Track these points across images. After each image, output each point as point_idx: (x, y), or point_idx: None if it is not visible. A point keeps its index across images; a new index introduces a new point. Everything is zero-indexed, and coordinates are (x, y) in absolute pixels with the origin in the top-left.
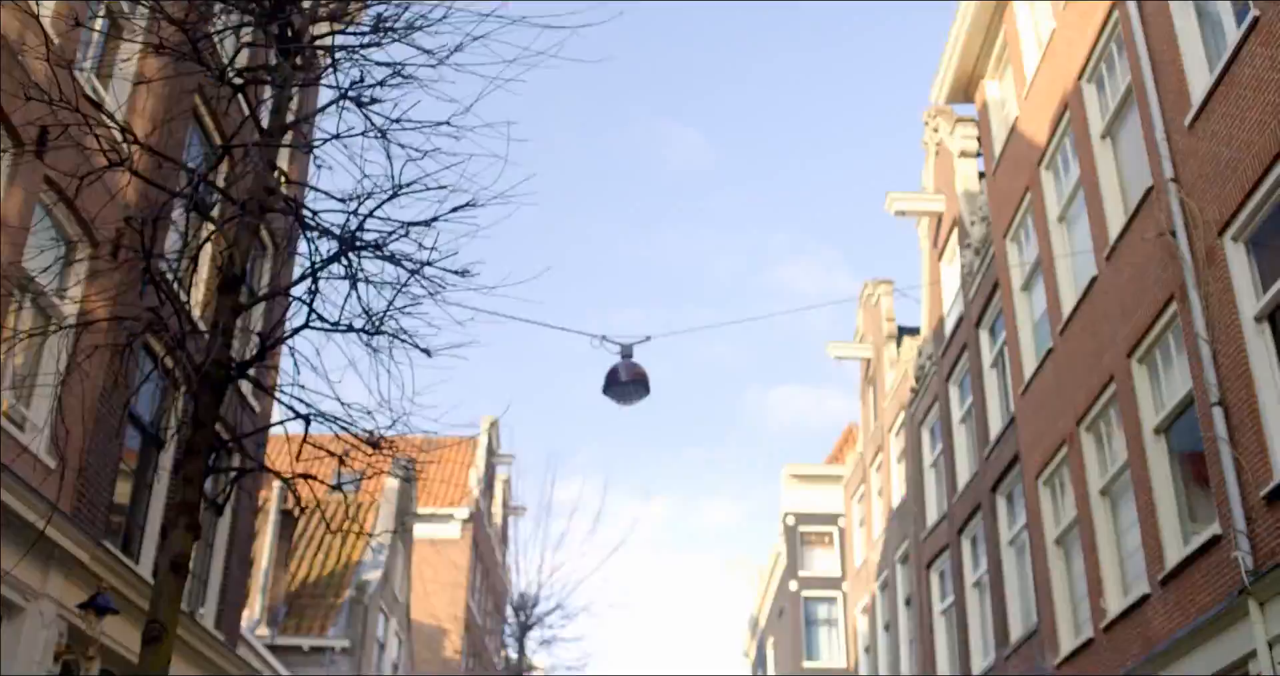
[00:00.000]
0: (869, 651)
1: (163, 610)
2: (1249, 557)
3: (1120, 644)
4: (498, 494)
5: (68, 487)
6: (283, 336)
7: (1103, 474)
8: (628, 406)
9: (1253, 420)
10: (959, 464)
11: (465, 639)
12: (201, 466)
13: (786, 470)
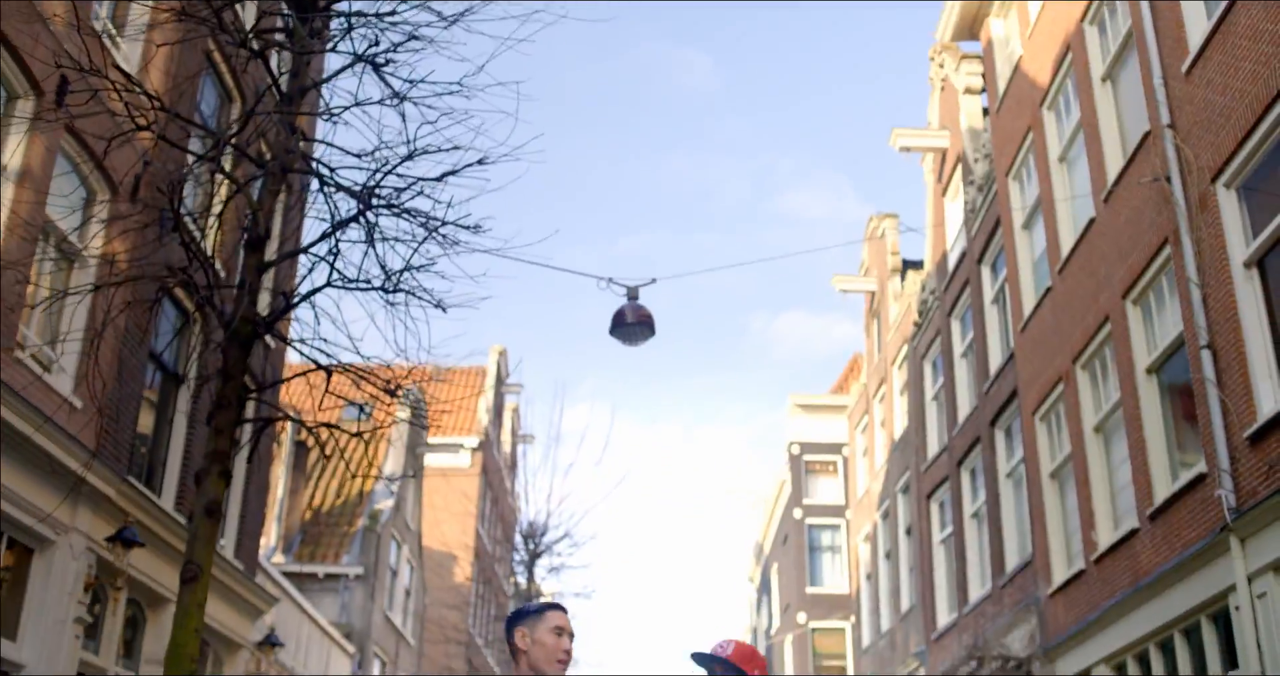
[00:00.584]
0: (870, 578)
1: (198, 551)
2: (1232, 496)
3: (1109, 575)
4: (506, 422)
5: (94, 427)
6: (308, 293)
7: (1097, 411)
8: (634, 346)
9: (1239, 363)
10: (959, 397)
11: (476, 565)
12: (232, 417)
13: (791, 400)
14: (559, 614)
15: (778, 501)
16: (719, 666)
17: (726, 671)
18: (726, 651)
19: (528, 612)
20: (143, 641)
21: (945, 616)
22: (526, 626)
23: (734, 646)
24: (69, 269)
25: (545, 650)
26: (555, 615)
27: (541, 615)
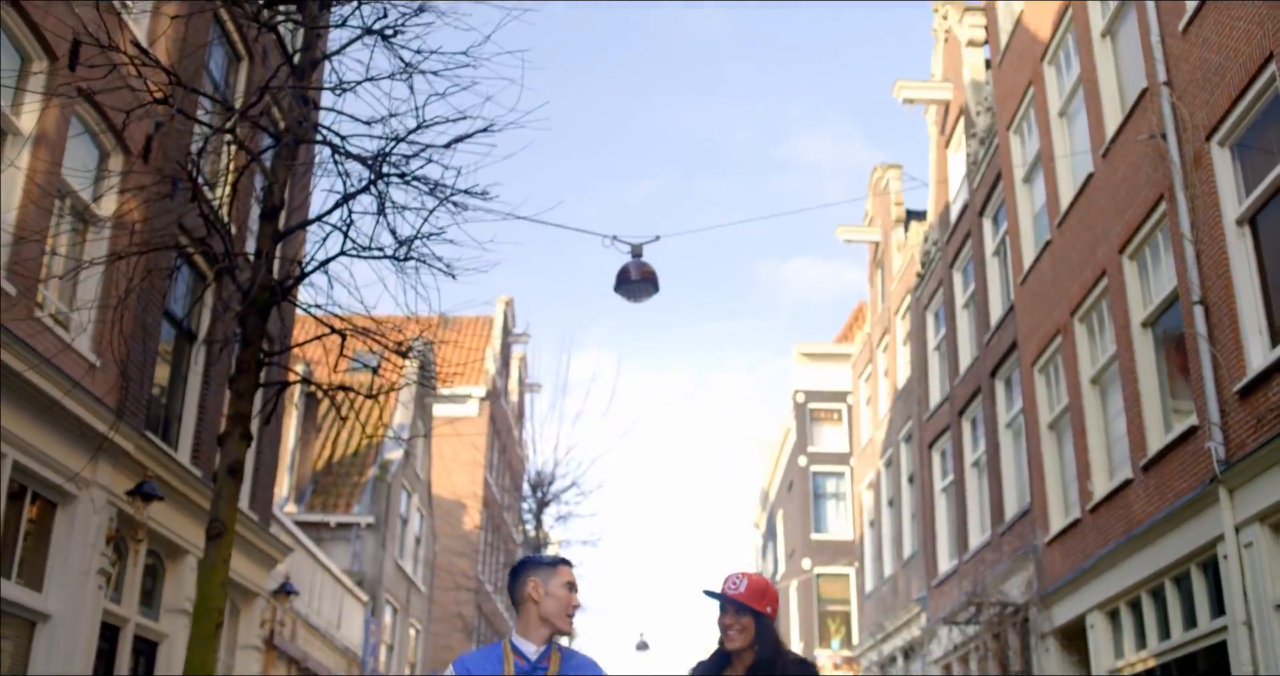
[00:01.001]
0: (873, 525)
1: (222, 510)
2: (1221, 448)
3: (1104, 524)
4: (514, 371)
5: (112, 383)
6: (324, 261)
7: (1093, 363)
8: (638, 303)
9: (1230, 319)
10: (961, 348)
11: (484, 514)
12: (252, 381)
13: (797, 349)
14: (569, 569)
15: (783, 449)
16: (731, 606)
17: (739, 610)
18: (739, 588)
19: (541, 563)
20: (162, 591)
21: (946, 563)
22: (540, 577)
23: (746, 583)
24: (84, 230)
25: (559, 603)
26: (567, 570)
27: (555, 569)
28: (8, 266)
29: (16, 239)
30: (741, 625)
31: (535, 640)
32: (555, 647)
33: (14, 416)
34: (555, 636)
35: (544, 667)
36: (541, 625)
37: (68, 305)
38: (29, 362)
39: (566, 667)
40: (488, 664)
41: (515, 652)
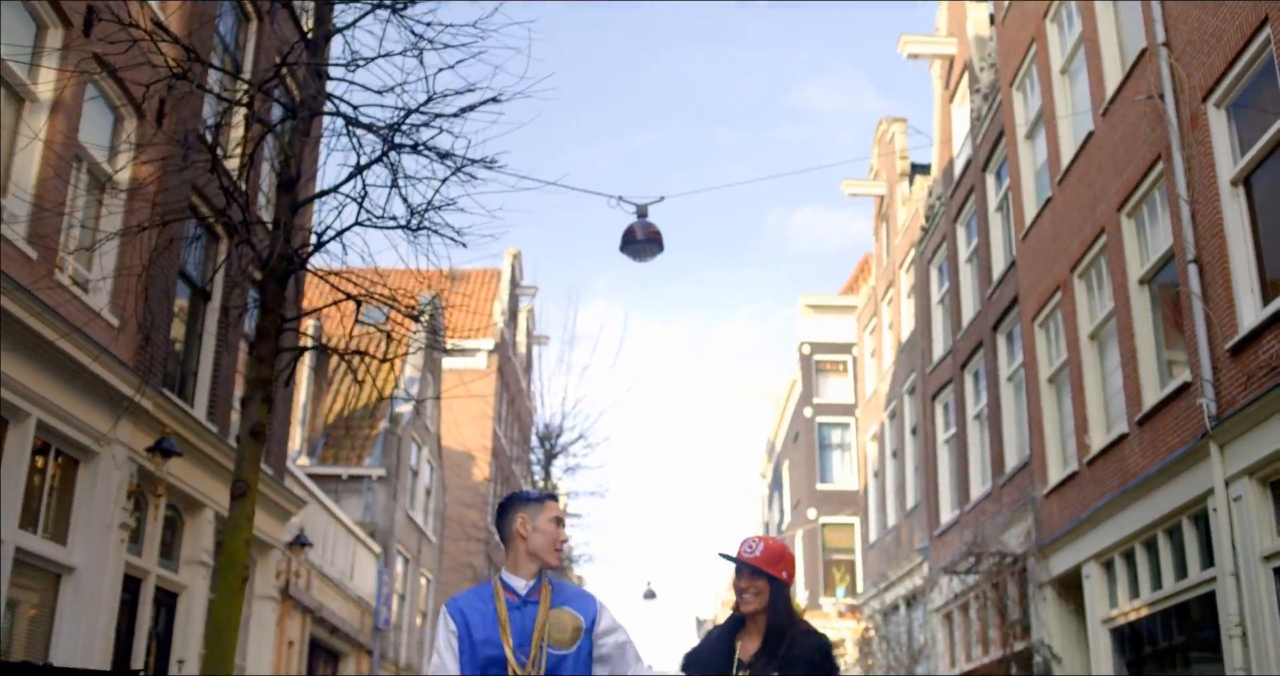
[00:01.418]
0: (878, 476)
1: (246, 470)
2: (1213, 404)
3: (1100, 477)
4: (521, 324)
5: (130, 343)
6: (339, 231)
7: (1092, 319)
8: (643, 262)
9: (1224, 278)
10: (964, 302)
11: (493, 465)
12: (272, 347)
13: (803, 300)
14: (556, 504)
15: (789, 400)
16: (747, 570)
17: (755, 574)
18: (754, 552)
19: (528, 499)
20: (181, 544)
21: (948, 513)
22: (528, 513)
23: (762, 547)
24: (101, 193)
25: (546, 538)
26: (554, 505)
27: (542, 504)
28: (28, 231)
29: (36, 205)
30: (757, 589)
31: (524, 575)
32: (546, 580)
33: (37, 377)
34: (544, 571)
35: (534, 601)
36: (530, 560)
37: (86, 268)
38: (52, 326)
39: (558, 599)
40: (480, 602)
41: (506, 589)
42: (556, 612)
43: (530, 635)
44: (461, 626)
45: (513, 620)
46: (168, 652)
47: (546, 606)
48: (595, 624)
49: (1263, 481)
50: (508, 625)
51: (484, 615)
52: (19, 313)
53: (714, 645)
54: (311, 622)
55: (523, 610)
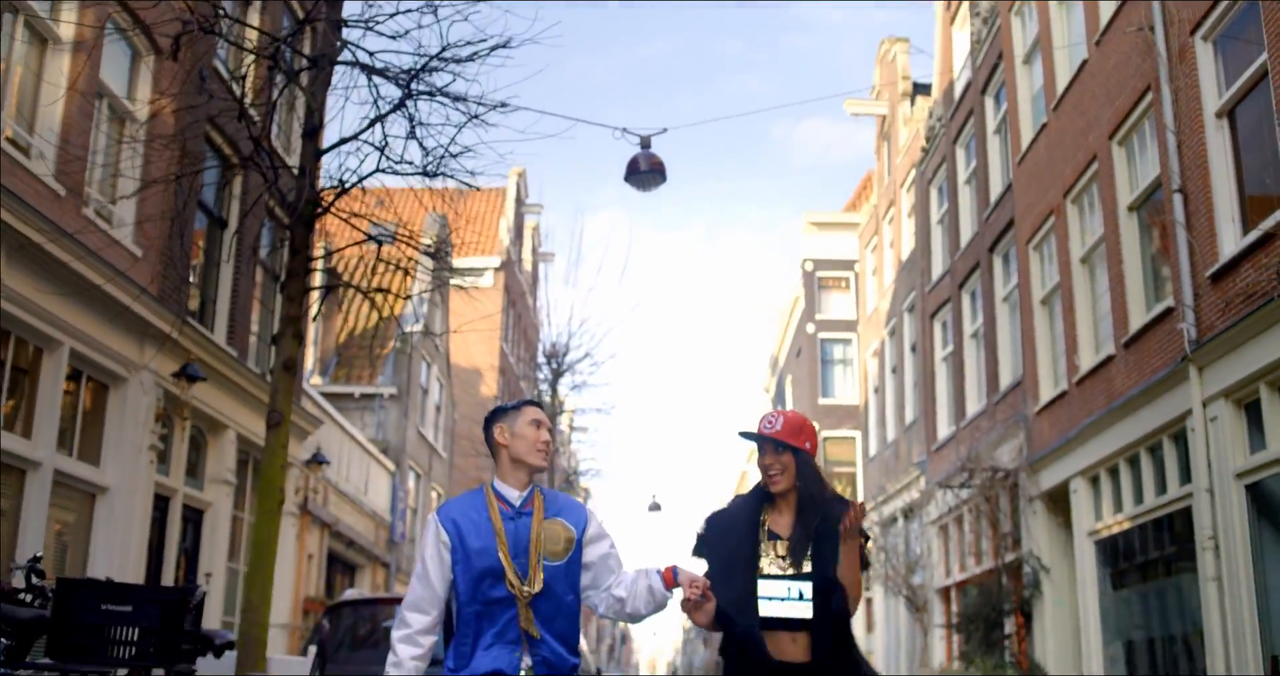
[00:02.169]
0: (878, 392)
1: (280, 401)
2: (1193, 329)
3: (1088, 396)
4: (527, 241)
5: (154, 273)
6: (363, 177)
7: (1083, 243)
8: (647, 192)
9: (1206, 208)
10: (962, 222)
11: (501, 382)
12: (301, 286)
13: (806, 217)
14: (535, 408)
15: (792, 316)
16: (770, 446)
17: (778, 448)
18: (775, 426)
19: (504, 410)
20: (205, 463)
21: (944, 429)
22: (505, 422)
23: (782, 421)
24: (121, 127)
25: (526, 441)
26: (532, 409)
27: (519, 410)
28: (56, 169)
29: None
30: (782, 464)
31: (515, 484)
32: (538, 490)
33: (68, 308)
34: (534, 477)
35: (528, 513)
36: (516, 467)
37: (111, 202)
38: (80, 259)
39: (551, 510)
40: (473, 511)
41: (499, 498)
42: (549, 524)
43: (526, 546)
44: (454, 536)
45: (508, 531)
46: (195, 566)
47: (540, 518)
48: (585, 533)
49: (1238, 403)
50: (504, 536)
51: (478, 525)
52: (49, 246)
53: (739, 512)
54: (329, 537)
55: (517, 521)
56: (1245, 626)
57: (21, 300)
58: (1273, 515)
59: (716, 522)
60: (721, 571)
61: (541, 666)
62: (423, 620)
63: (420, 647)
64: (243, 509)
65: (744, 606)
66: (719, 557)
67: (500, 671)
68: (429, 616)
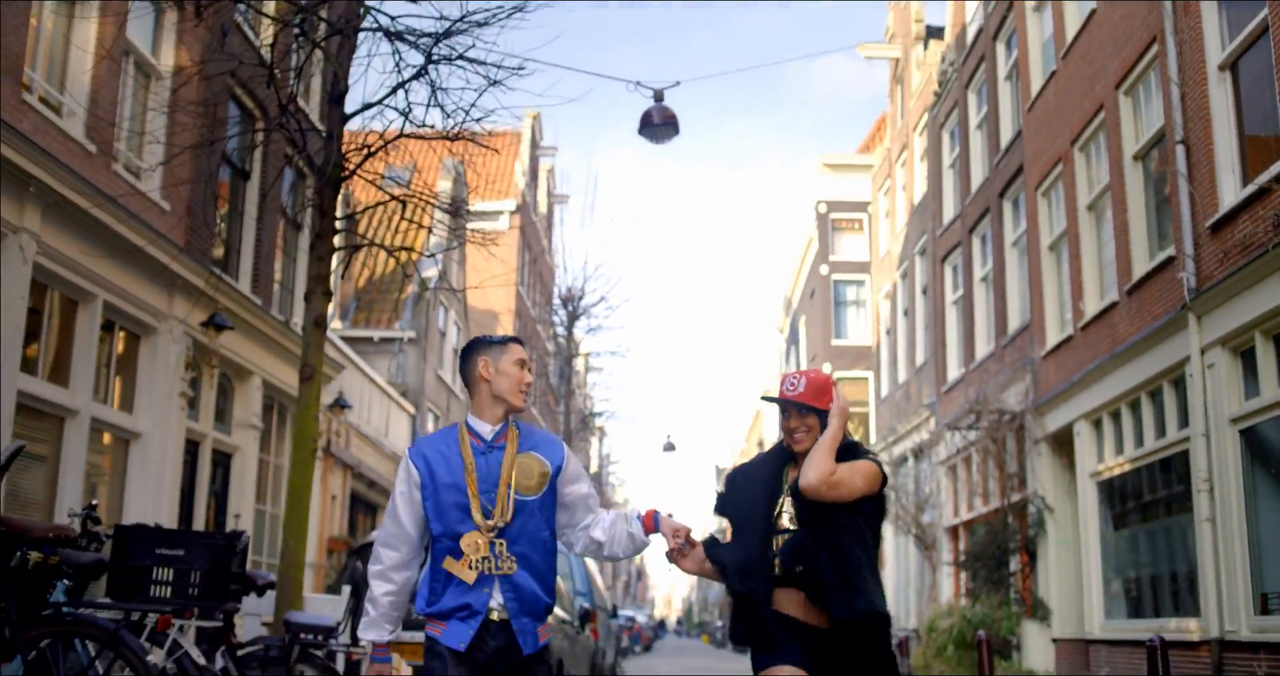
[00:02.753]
0: (889, 333)
1: (311, 355)
2: (1193, 278)
3: (1092, 341)
4: (542, 183)
5: (181, 225)
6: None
7: (1090, 191)
8: (660, 144)
9: (1208, 159)
10: (973, 167)
11: (517, 325)
12: (329, 245)
13: (820, 159)
14: (520, 347)
15: (805, 257)
16: (794, 409)
17: (803, 411)
18: (798, 389)
19: (490, 343)
20: (233, 408)
21: (954, 371)
22: (489, 356)
23: (804, 383)
24: (147, 84)
25: (510, 380)
26: (517, 347)
27: (505, 347)
28: (86, 126)
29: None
30: (807, 426)
31: (489, 420)
32: (513, 425)
33: (101, 261)
34: (511, 414)
35: (500, 446)
36: (494, 404)
37: (139, 158)
38: (111, 213)
39: (525, 444)
40: (444, 446)
41: (471, 433)
42: (523, 458)
43: (496, 481)
44: (424, 473)
45: (478, 465)
46: (225, 508)
47: (513, 452)
48: (561, 470)
49: (1234, 351)
50: (474, 470)
51: (448, 459)
52: (82, 202)
53: (760, 468)
54: (351, 478)
55: (488, 455)
56: (1237, 565)
57: (57, 255)
58: (1265, 459)
59: (736, 480)
60: (738, 526)
61: (513, 603)
62: (394, 556)
63: (393, 583)
64: (269, 452)
65: (755, 564)
66: (736, 514)
67: (469, 605)
68: (399, 553)
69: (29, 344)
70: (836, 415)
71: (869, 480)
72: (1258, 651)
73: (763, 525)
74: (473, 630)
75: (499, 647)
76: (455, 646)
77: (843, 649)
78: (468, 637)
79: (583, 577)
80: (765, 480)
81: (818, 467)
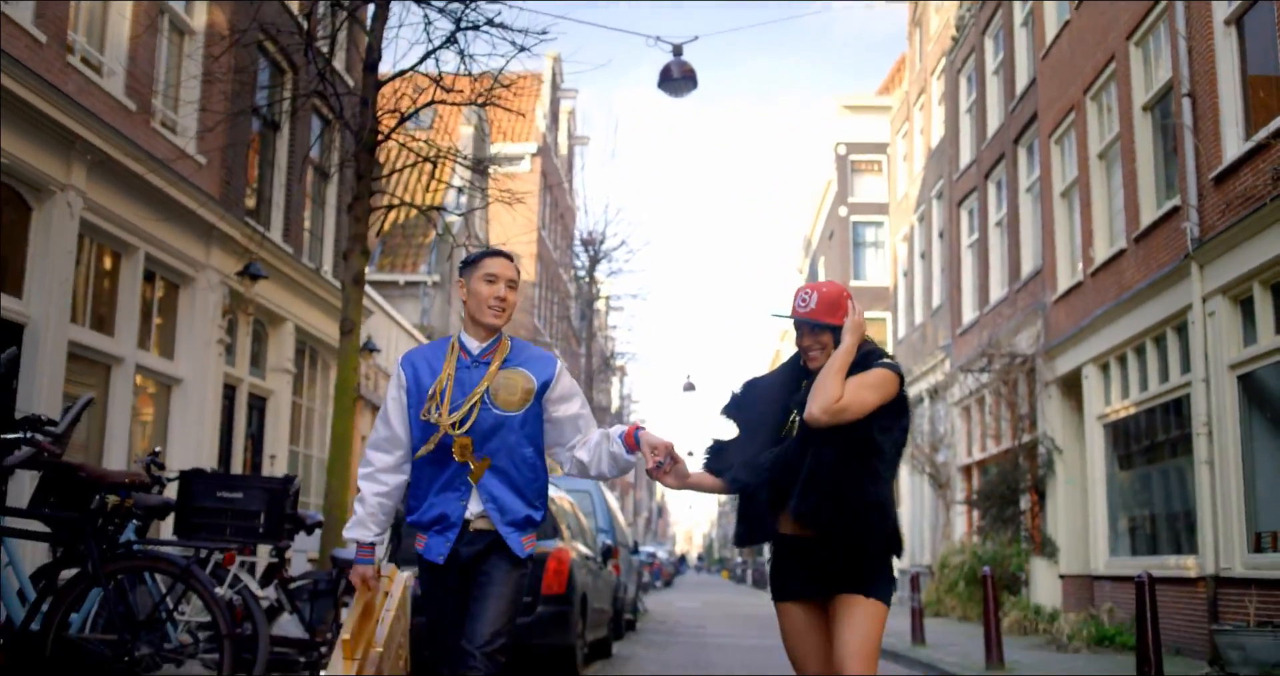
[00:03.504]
0: (907, 275)
1: (351, 310)
2: (1196, 228)
3: (1101, 288)
4: (563, 125)
5: (216, 178)
6: (421, 106)
7: (1101, 140)
8: (678, 98)
9: (1213, 112)
10: (989, 113)
11: (539, 267)
12: (366, 206)
13: (839, 101)
14: (495, 260)
15: (824, 198)
16: (806, 326)
17: (815, 329)
18: (809, 305)
19: (468, 262)
20: (267, 353)
21: (969, 314)
22: (464, 276)
23: (816, 298)
24: (181, 41)
25: (477, 298)
26: (490, 262)
27: (477, 263)
28: (125, 85)
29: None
30: (821, 343)
31: (477, 337)
32: (505, 339)
33: (141, 214)
34: (500, 331)
35: (487, 361)
36: (474, 323)
37: (174, 113)
38: (149, 167)
39: (514, 360)
40: (431, 356)
41: (461, 348)
42: (508, 373)
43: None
44: (410, 379)
45: (461, 378)
46: (261, 449)
47: (497, 366)
48: (550, 387)
49: (1234, 299)
50: (451, 383)
51: (433, 369)
52: (124, 159)
53: (776, 379)
54: None
55: (472, 370)
56: (1232, 506)
57: (101, 210)
58: (1262, 404)
59: (752, 387)
60: (747, 433)
61: (494, 512)
62: (384, 459)
63: (383, 485)
64: (301, 395)
65: (756, 466)
66: (747, 421)
67: (445, 516)
68: (391, 456)
69: (76, 296)
70: (850, 331)
71: (880, 391)
72: (1250, 587)
73: (771, 437)
74: (450, 542)
75: (474, 554)
76: (435, 559)
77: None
78: (445, 550)
79: (605, 515)
80: (779, 392)
81: (822, 397)
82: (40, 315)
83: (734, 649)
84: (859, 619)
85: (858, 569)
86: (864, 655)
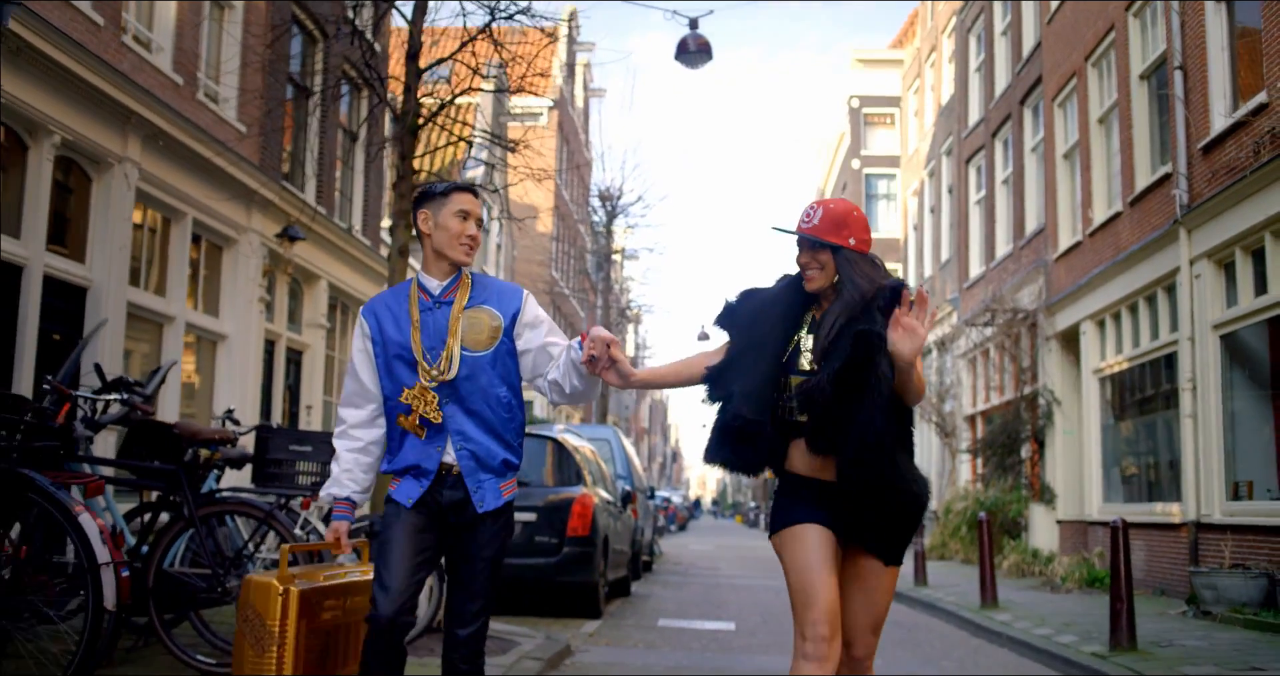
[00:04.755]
0: (916, 229)
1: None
2: (1185, 195)
3: (1098, 248)
4: (579, 78)
5: (255, 145)
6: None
7: (1101, 105)
8: (695, 70)
9: (1202, 85)
10: (997, 73)
11: (556, 220)
12: (409, 186)
13: (852, 55)
14: (465, 196)
15: (837, 151)
16: (805, 243)
17: (815, 246)
18: (812, 221)
19: (433, 194)
20: (302, 310)
21: (976, 269)
22: (429, 208)
23: (821, 214)
24: (222, 16)
25: (448, 234)
26: (461, 197)
27: (447, 197)
28: (173, 61)
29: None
30: (819, 262)
31: (437, 275)
32: (466, 275)
33: (187, 179)
34: (461, 268)
35: (449, 301)
36: (438, 258)
37: (217, 84)
38: (194, 137)
39: (477, 298)
40: (394, 303)
41: (420, 289)
42: (473, 312)
43: (444, 336)
44: (375, 329)
45: (425, 321)
46: (298, 400)
47: (461, 306)
48: (516, 319)
49: (1218, 263)
50: (419, 326)
51: (397, 316)
52: (175, 131)
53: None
54: None
55: (435, 311)
56: (1213, 457)
57: (154, 178)
58: (1242, 362)
59: (751, 299)
60: (745, 357)
61: (468, 459)
62: (356, 414)
63: (357, 441)
64: (334, 348)
65: (759, 399)
66: (745, 341)
67: (418, 465)
68: (362, 411)
69: (133, 260)
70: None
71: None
72: (1226, 532)
73: (773, 366)
74: (422, 488)
75: (455, 500)
76: (403, 501)
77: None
78: (416, 494)
79: (623, 462)
80: (782, 311)
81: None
82: (102, 279)
83: (745, 588)
84: (880, 592)
85: (892, 538)
86: (877, 627)
